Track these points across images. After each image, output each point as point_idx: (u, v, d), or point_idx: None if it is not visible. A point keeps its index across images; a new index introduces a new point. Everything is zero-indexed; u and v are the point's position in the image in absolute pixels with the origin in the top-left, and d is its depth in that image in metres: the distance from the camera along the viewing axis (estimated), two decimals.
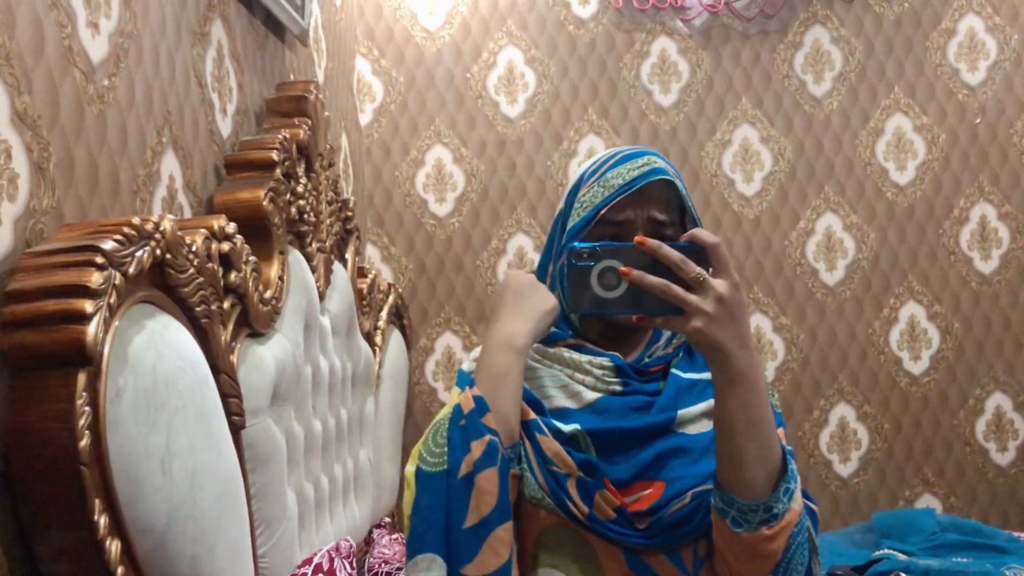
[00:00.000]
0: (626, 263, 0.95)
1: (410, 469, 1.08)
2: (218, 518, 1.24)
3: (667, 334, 1.18)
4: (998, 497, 3.00)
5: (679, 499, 1.05)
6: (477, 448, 1.03)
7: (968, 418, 3.00)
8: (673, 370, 1.15)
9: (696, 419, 1.11)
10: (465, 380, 1.14)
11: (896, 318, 2.99)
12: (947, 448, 3.00)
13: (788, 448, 1.10)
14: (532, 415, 1.09)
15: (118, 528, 1.04)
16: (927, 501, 2.98)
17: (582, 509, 1.05)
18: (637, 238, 0.95)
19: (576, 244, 0.97)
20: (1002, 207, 3.00)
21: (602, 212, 1.11)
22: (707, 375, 1.12)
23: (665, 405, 1.11)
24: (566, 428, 1.09)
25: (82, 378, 0.98)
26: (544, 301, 1.11)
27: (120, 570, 1.04)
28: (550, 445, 1.07)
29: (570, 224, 1.15)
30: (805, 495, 1.07)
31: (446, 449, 1.05)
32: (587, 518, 1.05)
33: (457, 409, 1.07)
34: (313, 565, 1.55)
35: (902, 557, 2.30)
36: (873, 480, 2.98)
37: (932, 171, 3.00)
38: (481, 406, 1.05)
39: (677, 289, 0.92)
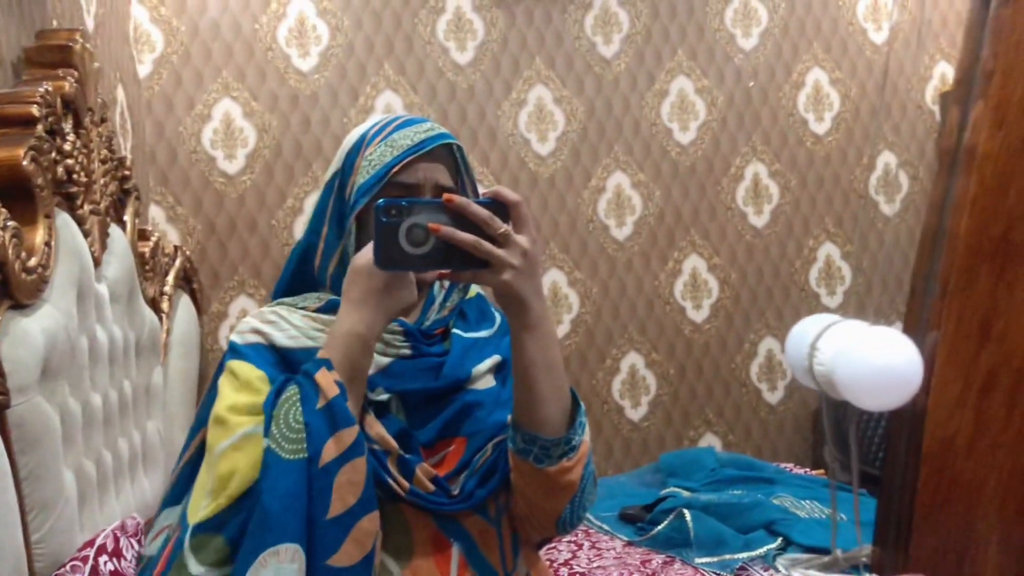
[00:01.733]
0: (433, 220, 0.96)
1: (230, 444, 1.03)
2: None
3: (440, 297, 1.19)
4: (769, 433, 3.28)
5: (482, 452, 1.10)
6: (346, 436, 1.00)
7: (744, 361, 3.25)
8: (454, 331, 1.18)
9: (484, 375, 1.17)
10: (248, 353, 1.10)
11: (680, 270, 3.17)
12: (726, 390, 3.23)
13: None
14: None
15: None
16: (709, 440, 3.22)
17: (403, 485, 1.06)
18: (445, 196, 0.97)
19: (384, 201, 0.97)
20: (772, 165, 3.23)
21: (392, 171, 1.10)
22: (484, 332, 1.17)
23: (454, 364, 1.15)
24: (380, 396, 1.09)
25: None
26: (408, 298, 1.06)
27: None
28: (373, 425, 1.06)
29: (359, 182, 1.13)
30: None
31: (304, 435, 1.00)
32: (408, 493, 1.06)
33: (308, 392, 1.02)
34: (96, 547, 1.47)
35: (686, 494, 2.47)
36: (661, 423, 3.17)
37: (711, 131, 3.18)
38: (345, 394, 1.02)
39: (487, 244, 0.96)
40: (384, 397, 1.10)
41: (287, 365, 1.11)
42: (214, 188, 2.80)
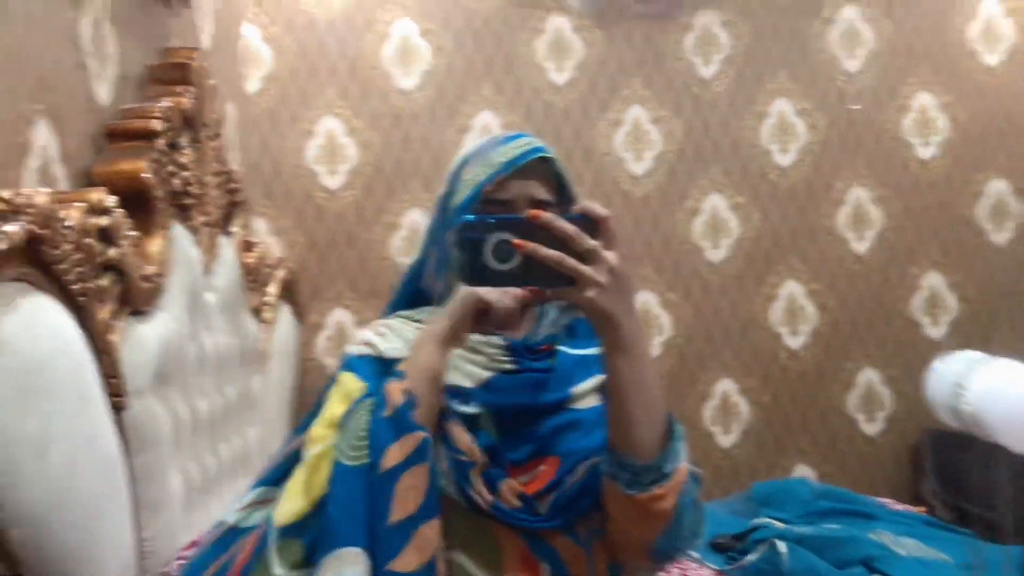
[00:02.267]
0: (519, 236, 0.95)
1: (314, 454, 1.06)
2: (98, 504, 1.20)
3: (552, 313, 1.20)
4: (867, 466, 3.17)
5: (572, 474, 1.08)
6: (408, 443, 1.03)
7: (841, 391, 3.15)
8: (560, 347, 1.17)
9: (587, 394, 1.14)
10: (357, 365, 1.13)
11: (776, 295, 3.10)
12: (821, 420, 3.14)
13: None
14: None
15: None
16: (802, 471, 3.13)
17: (487, 499, 1.06)
18: (531, 212, 0.96)
19: (469, 217, 0.97)
20: (875, 190, 3.14)
21: (486, 190, 1.12)
22: (591, 350, 1.15)
23: (559, 382, 1.14)
24: (471, 409, 1.09)
25: None
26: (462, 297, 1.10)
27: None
28: (460, 436, 1.07)
29: (455, 202, 1.15)
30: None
31: (367, 442, 1.03)
32: (492, 507, 1.06)
33: (379, 401, 1.05)
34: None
35: (779, 525, 2.40)
36: (753, 451, 3.10)
37: (812, 153, 3.11)
38: (412, 401, 1.05)
39: (572, 261, 0.94)
40: (474, 410, 1.10)
41: (388, 371, 1.13)
42: (316, 203, 2.87)
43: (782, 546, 2.18)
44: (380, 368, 1.14)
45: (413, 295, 1.23)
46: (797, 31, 3.08)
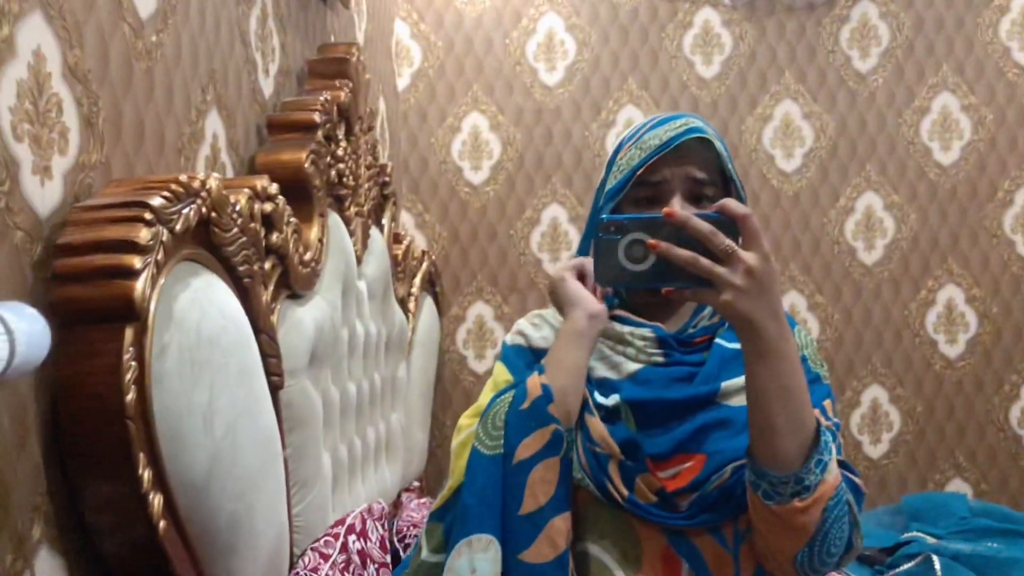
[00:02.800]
0: (654, 235, 0.92)
1: (459, 441, 1.09)
2: (256, 476, 1.25)
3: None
4: None
5: (719, 474, 1.05)
6: (541, 436, 1.04)
7: (1002, 403, 2.96)
8: (718, 340, 1.13)
9: (739, 391, 1.09)
10: (509, 354, 1.15)
11: (934, 300, 2.95)
12: (980, 433, 2.96)
13: (836, 420, 1.09)
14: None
15: (160, 483, 1.05)
16: (957, 486, 2.96)
17: (622, 492, 1.04)
18: (665, 209, 0.93)
19: (604, 217, 0.95)
20: None
21: (639, 173, 1.10)
22: None
23: (708, 376, 1.10)
24: (609, 402, 1.08)
25: (129, 333, 0.98)
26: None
27: (162, 524, 1.05)
28: (596, 427, 1.06)
29: (608, 187, 1.14)
30: (848, 468, 1.06)
31: (503, 432, 1.04)
32: (627, 501, 1.04)
33: (519, 393, 1.07)
34: (346, 526, 1.56)
35: (931, 540, 2.28)
36: (903, 463, 2.96)
37: (977, 152, 2.94)
38: (548, 394, 1.06)
39: (705, 262, 0.90)
40: (612, 402, 1.08)
41: (536, 360, 1.14)
42: (459, 197, 2.92)
43: (937, 561, 2.07)
44: (531, 358, 1.14)
45: None
46: (962, 21, 2.91)
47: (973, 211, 2.94)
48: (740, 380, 1.08)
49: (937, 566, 2.07)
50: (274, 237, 1.37)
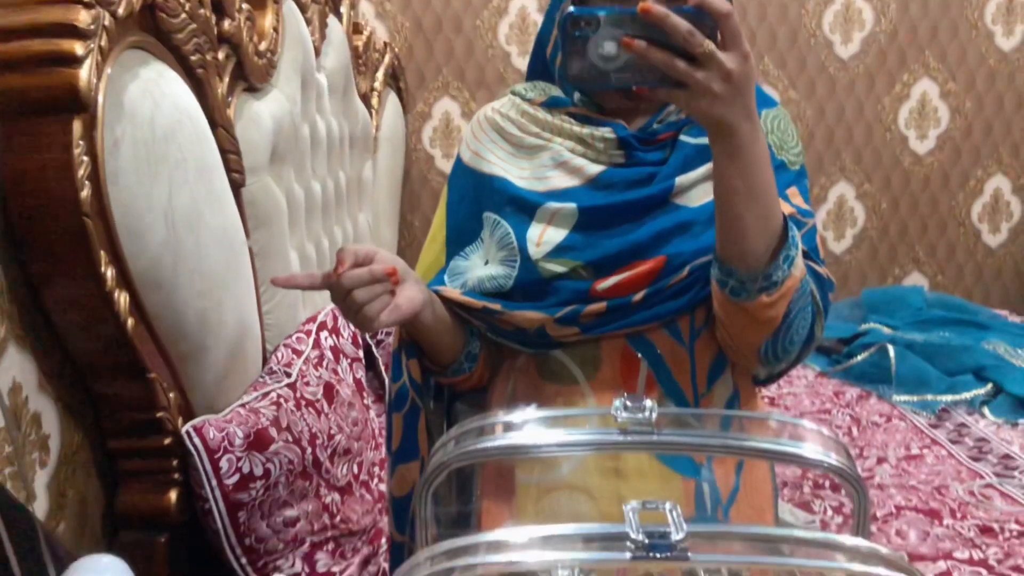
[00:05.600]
0: (628, 32, 0.86)
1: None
2: (222, 273, 1.24)
3: None
4: (984, 276, 3.06)
5: (678, 273, 1.04)
6: (392, 389, 1.10)
7: (966, 199, 3.00)
8: (682, 136, 1.09)
9: (697, 186, 1.06)
10: (455, 180, 1.15)
11: (908, 94, 2.91)
12: (941, 228, 3.01)
13: (807, 209, 1.07)
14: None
15: (125, 281, 1.04)
16: (915, 279, 3.04)
17: (573, 330, 1.04)
18: (641, 5, 0.86)
19: (572, 11, 0.88)
20: None
21: None
22: None
23: (667, 176, 1.06)
24: (562, 206, 1.06)
25: (77, 126, 0.93)
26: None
27: (130, 322, 1.05)
28: (525, 317, 1.05)
29: None
30: (812, 257, 1.06)
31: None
32: (583, 330, 1.04)
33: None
34: (318, 323, 1.58)
35: (887, 331, 2.37)
36: (865, 257, 3.02)
37: None
38: (408, 350, 1.09)
39: (682, 65, 0.84)
40: (569, 208, 1.05)
41: (481, 191, 1.11)
42: None
43: (891, 350, 2.16)
44: (473, 182, 1.11)
45: (539, 65, 1.16)
46: None
47: (955, 3, 2.85)
48: (696, 173, 1.05)
49: (891, 355, 2.16)
50: (226, 25, 1.29)
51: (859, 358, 2.23)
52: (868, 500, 0.63)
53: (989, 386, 2.09)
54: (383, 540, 1.42)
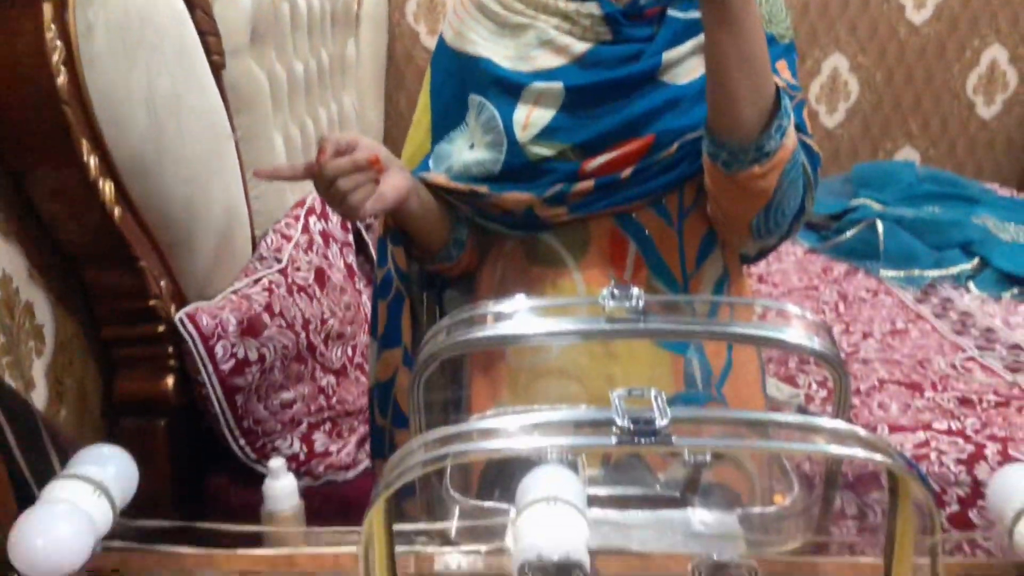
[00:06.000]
0: None
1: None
2: (207, 158, 1.23)
3: None
4: (976, 150, 3.04)
5: (666, 149, 1.03)
6: (378, 276, 1.10)
7: (962, 71, 2.95)
8: (670, 12, 1.06)
9: (685, 61, 1.02)
10: (433, 60, 1.11)
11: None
12: (935, 101, 2.97)
13: (795, 84, 1.05)
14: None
15: (110, 170, 1.03)
16: (907, 154, 3.02)
17: (562, 210, 1.03)
18: None
19: None
20: None
21: None
22: None
23: (654, 52, 1.02)
24: (547, 87, 1.04)
25: (48, 9, 0.90)
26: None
27: (116, 211, 1.04)
28: (511, 198, 1.03)
29: None
30: (803, 130, 1.05)
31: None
32: (571, 210, 1.03)
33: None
34: (306, 207, 1.57)
35: (877, 207, 2.37)
36: (857, 132, 2.99)
37: None
38: (393, 238, 1.09)
39: None
40: (554, 88, 1.03)
41: (464, 72, 1.07)
42: None
43: (880, 226, 2.16)
44: (458, 66, 1.08)
45: None
46: None
47: None
48: (684, 48, 1.02)
49: (880, 230, 2.17)
50: None
51: (848, 234, 2.24)
52: (849, 382, 0.64)
53: (976, 260, 2.11)
54: None
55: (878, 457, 0.51)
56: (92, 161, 0.99)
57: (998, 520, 0.66)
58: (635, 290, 0.63)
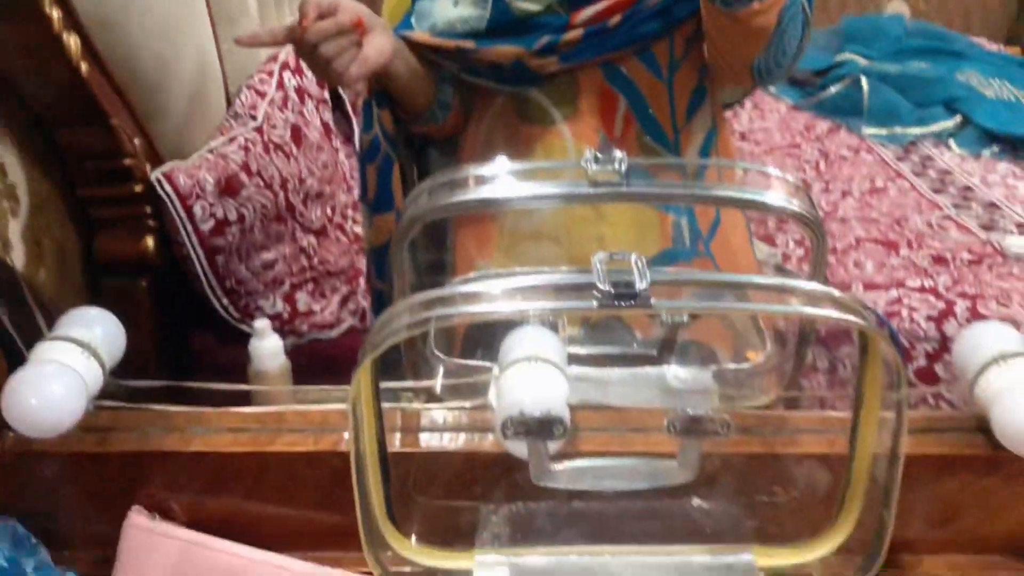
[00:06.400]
0: None
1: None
2: (177, 12, 1.18)
3: None
4: (967, 3, 2.97)
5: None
6: (364, 140, 1.06)
7: None
8: None
9: None
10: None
11: None
12: None
13: None
14: None
15: (74, 24, 0.99)
16: (896, 7, 2.95)
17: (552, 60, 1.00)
18: None
19: None
20: None
21: None
22: None
23: None
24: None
25: None
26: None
27: (83, 66, 1.01)
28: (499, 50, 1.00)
29: None
30: None
31: None
32: (562, 59, 1.00)
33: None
34: (280, 62, 1.53)
35: (864, 62, 2.33)
36: None
37: None
38: (379, 100, 1.04)
39: None
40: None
41: None
42: None
43: (865, 82, 2.14)
44: None
45: None
46: None
47: None
48: None
49: (864, 86, 2.14)
50: None
51: (832, 90, 2.21)
52: (826, 243, 0.65)
53: (958, 118, 2.10)
54: (361, 280, 1.47)
55: (851, 318, 0.53)
56: (55, 14, 0.95)
57: (961, 376, 0.69)
58: (618, 153, 0.63)
